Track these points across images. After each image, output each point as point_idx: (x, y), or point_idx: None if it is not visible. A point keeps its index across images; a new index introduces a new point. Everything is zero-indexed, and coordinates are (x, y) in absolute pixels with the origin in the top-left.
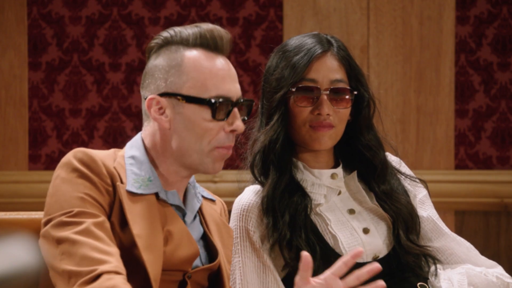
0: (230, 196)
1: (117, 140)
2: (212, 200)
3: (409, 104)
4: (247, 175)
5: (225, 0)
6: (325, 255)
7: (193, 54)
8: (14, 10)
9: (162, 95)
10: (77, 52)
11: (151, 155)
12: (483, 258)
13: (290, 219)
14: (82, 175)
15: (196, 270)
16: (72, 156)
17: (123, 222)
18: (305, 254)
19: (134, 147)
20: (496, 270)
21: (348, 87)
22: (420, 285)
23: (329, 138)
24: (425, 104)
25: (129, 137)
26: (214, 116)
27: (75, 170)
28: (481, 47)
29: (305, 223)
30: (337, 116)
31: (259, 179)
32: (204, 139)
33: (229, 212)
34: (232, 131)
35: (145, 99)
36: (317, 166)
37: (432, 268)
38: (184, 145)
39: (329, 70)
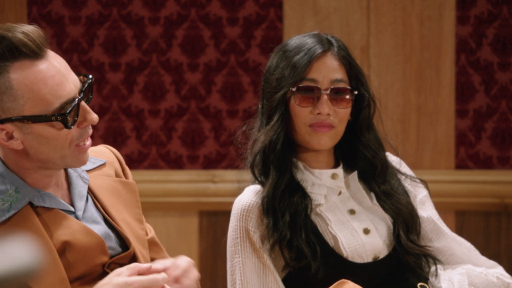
0: (230, 196)
1: (117, 140)
2: (102, 165)
3: (409, 104)
4: (247, 175)
5: (225, 0)
6: (326, 256)
7: (18, 74)
8: (14, 10)
9: (3, 121)
10: (77, 52)
11: (11, 168)
12: (483, 258)
13: (290, 219)
14: None
15: (113, 261)
16: None
17: None
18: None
19: None
20: (496, 271)
21: (349, 87)
22: (420, 286)
23: (329, 138)
24: (425, 104)
25: (128, 137)
26: (67, 126)
27: None
28: (482, 47)
29: (305, 223)
30: (337, 116)
31: (259, 179)
32: (63, 147)
33: (229, 212)
34: (87, 124)
35: None
36: (317, 166)
37: (433, 268)
38: (43, 157)
39: (329, 70)
